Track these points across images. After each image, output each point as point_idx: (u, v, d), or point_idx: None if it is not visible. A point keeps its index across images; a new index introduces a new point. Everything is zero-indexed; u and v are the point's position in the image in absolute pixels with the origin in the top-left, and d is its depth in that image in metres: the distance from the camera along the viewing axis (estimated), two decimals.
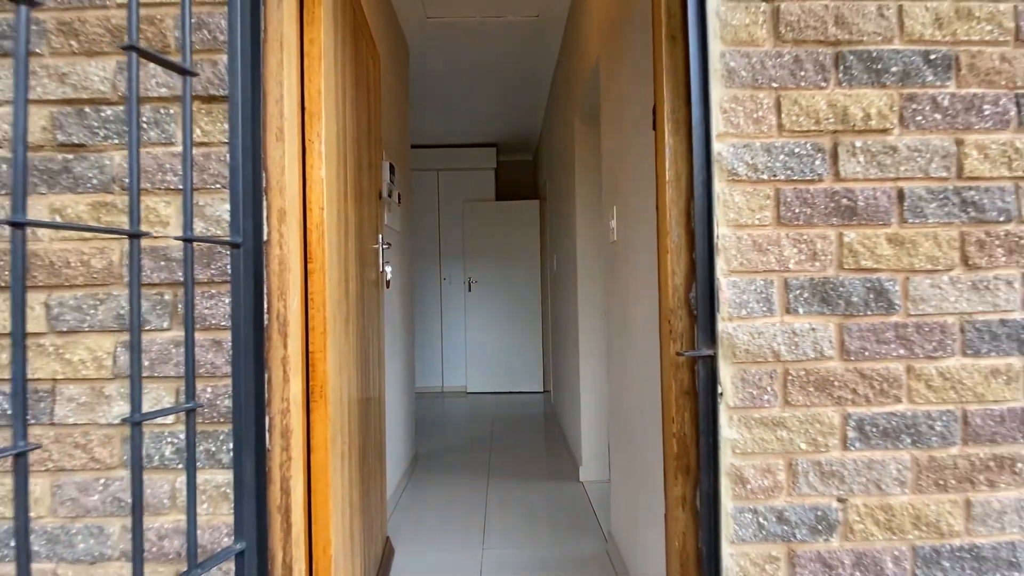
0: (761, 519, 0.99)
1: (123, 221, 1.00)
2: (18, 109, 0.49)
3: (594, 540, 2.25)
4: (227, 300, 0.99)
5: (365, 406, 1.80)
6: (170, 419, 0.99)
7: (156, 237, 0.99)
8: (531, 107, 4.66)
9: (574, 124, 2.87)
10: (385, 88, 2.57)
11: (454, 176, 5.67)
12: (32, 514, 0.99)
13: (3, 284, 0.99)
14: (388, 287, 2.30)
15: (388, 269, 2.16)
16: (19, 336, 0.48)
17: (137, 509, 0.58)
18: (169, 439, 0.99)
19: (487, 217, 5.51)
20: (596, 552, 2.15)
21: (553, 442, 3.70)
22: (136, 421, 0.58)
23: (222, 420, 0.99)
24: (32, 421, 0.98)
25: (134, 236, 0.58)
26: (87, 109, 0.99)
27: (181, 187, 1.00)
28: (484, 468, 3.18)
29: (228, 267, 0.99)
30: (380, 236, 2.10)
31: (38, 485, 0.98)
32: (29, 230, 1.00)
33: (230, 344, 0.99)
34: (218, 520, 1.00)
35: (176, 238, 0.91)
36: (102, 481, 0.99)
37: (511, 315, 5.48)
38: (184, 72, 0.67)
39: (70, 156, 0.99)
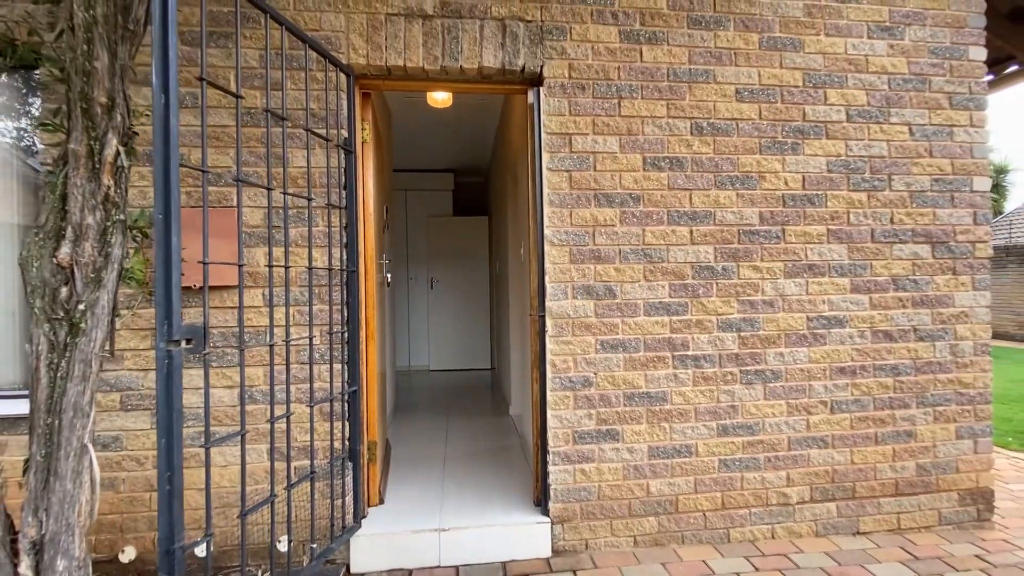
0: (563, 381, 2.44)
1: (295, 262, 2.34)
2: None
3: (513, 439, 3.71)
4: (345, 294, 2.35)
5: (382, 354, 3.18)
6: (316, 340, 2.35)
7: (316, 268, 2.35)
8: (482, 145, 6.06)
9: (507, 179, 4.30)
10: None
11: (420, 195, 7.02)
12: (248, 383, 2.32)
13: (226, 285, 2.32)
14: (388, 287, 3.66)
15: (388, 276, 3.53)
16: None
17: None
18: (315, 350, 2.35)
19: (446, 229, 6.88)
20: (513, 444, 3.60)
21: (495, 397, 5.14)
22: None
23: (342, 343, 2.35)
24: (281, 344, 2.32)
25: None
26: (279, 210, 2.33)
27: (323, 245, 2.35)
28: (445, 411, 4.59)
29: (345, 280, 2.35)
30: (384, 254, 3.46)
31: (259, 372, 2.32)
32: (249, 261, 2.33)
33: (345, 311, 2.35)
34: (340, 385, 2.36)
35: (342, 269, 2.29)
36: (282, 368, 2.34)
37: (465, 307, 6.88)
38: (336, 207, 2.06)
39: (272, 231, 2.33)
